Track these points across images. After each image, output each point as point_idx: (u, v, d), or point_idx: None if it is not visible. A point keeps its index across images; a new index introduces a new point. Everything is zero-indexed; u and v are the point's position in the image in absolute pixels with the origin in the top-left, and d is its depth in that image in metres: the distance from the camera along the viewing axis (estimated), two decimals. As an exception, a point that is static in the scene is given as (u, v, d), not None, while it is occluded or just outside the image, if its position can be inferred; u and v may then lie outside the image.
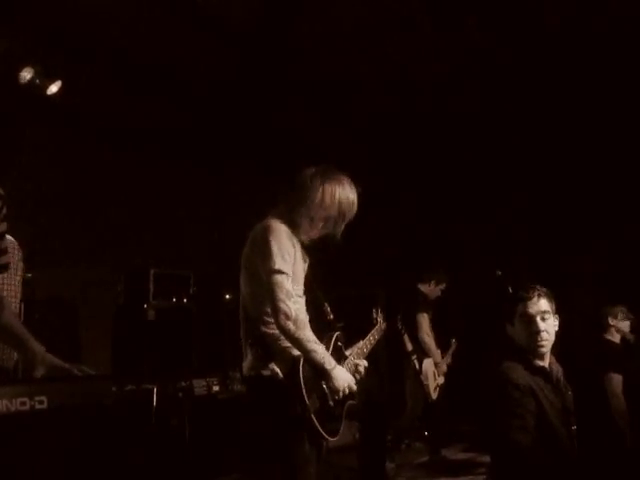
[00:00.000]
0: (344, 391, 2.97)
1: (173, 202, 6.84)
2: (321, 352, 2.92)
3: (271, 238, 2.95)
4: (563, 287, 3.38)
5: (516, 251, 7.38)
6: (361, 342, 3.54)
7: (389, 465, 5.86)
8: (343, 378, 2.98)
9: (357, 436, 7.12)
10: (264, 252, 2.94)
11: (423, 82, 6.20)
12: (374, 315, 3.84)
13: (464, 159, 7.58)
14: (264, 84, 6.08)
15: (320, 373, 2.92)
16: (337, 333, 3.25)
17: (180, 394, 4.54)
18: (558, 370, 3.20)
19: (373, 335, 3.66)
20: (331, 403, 2.96)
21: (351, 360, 3.28)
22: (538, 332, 3.06)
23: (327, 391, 2.95)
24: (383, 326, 3.81)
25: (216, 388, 5.02)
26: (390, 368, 7.75)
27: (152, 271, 6.17)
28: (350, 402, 3.08)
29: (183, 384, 4.66)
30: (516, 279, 4.20)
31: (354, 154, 7.01)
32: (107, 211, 6.38)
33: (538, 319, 3.08)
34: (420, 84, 6.21)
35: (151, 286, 6.14)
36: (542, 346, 3.08)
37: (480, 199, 8.05)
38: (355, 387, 3.05)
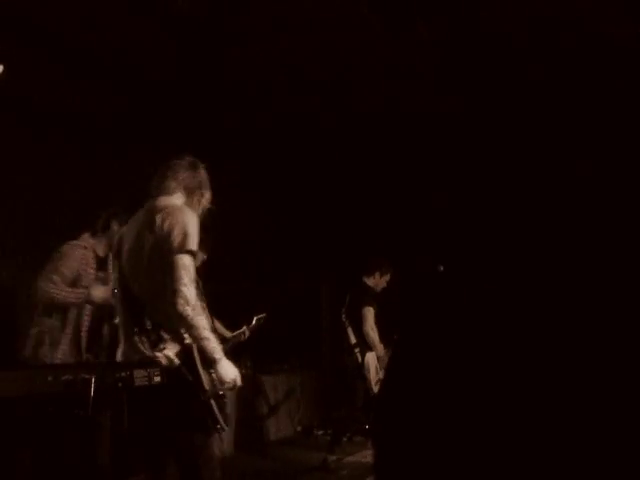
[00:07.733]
0: (230, 383, 2.99)
1: (115, 189, 6.71)
2: (213, 340, 2.95)
3: (187, 219, 2.97)
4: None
5: (455, 246, 7.44)
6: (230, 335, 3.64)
7: (330, 458, 5.89)
8: (231, 370, 3.00)
9: (298, 429, 7.14)
10: (177, 231, 2.91)
11: (361, 81, 6.21)
12: (245, 329, 3.93)
13: (402, 155, 7.61)
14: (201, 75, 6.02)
15: (210, 361, 2.93)
16: None
17: (120, 384, 4.45)
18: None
19: (236, 336, 3.75)
20: (221, 392, 2.99)
21: None
22: None
23: (215, 379, 2.97)
24: (247, 335, 3.91)
25: (157, 379, 4.93)
26: (332, 361, 7.78)
27: (94, 259, 6.07)
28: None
29: (123, 374, 4.56)
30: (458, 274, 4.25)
31: (292, 147, 7.02)
32: (46, 198, 6.24)
33: None
34: (358, 83, 6.23)
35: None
36: None
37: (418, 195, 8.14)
38: (240, 381, 3.06)
